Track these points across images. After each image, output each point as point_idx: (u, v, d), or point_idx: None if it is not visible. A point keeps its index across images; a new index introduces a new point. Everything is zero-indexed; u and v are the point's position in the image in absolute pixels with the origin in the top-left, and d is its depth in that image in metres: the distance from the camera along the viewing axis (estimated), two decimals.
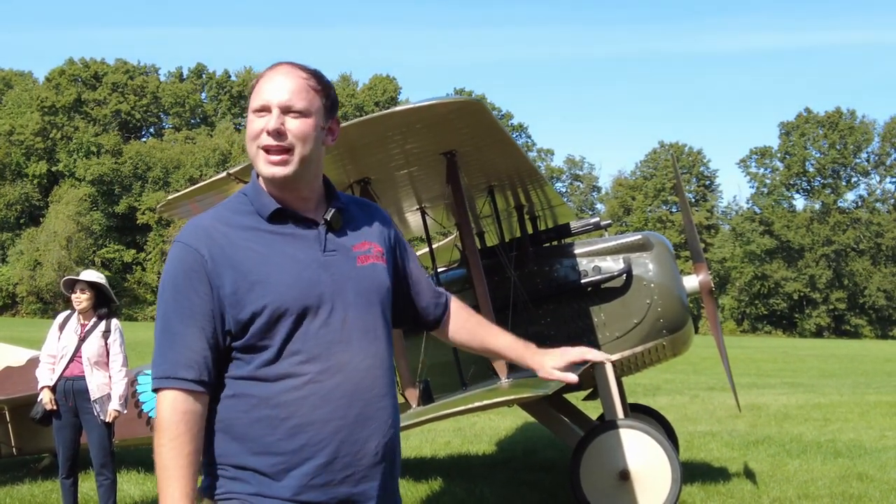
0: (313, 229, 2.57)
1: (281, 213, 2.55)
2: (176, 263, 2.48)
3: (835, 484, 9.39)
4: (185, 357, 2.42)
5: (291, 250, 2.51)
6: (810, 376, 27.91)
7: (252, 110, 2.55)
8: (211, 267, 2.44)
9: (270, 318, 2.43)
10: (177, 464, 2.38)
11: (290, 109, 2.52)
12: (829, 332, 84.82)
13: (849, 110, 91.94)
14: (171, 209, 7.36)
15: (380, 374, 2.56)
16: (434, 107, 6.08)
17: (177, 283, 2.47)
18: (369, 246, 2.65)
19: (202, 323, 2.44)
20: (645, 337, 8.47)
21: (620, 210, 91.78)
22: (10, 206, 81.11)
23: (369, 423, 2.50)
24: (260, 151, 2.52)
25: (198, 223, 2.54)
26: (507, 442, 12.95)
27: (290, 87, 2.54)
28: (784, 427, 14.46)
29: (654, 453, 7.51)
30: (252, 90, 2.60)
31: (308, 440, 2.42)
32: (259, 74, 2.63)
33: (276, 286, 2.44)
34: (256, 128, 2.52)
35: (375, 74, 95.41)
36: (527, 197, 9.21)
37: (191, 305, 2.44)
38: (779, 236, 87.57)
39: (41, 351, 7.95)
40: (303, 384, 2.43)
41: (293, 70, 2.58)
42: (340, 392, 2.46)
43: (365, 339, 2.54)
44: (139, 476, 10.01)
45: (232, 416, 2.46)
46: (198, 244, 2.47)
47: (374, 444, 2.50)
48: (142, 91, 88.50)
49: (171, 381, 2.42)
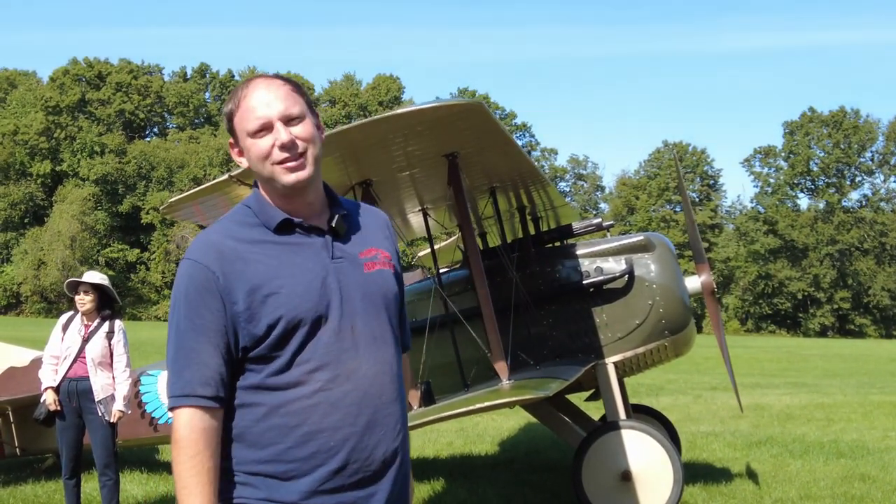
0: (320, 237, 2.59)
1: (287, 223, 2.56)
2: (187, 280, 2.49)
3: (837, 485, 9.39)
4: (202, 374, 2.44)
5: (300, 260, 2.52)
6: (814, 376, 27.89)
7: (248, 133, 2.55)
8: (223, 284, 2.45)
9: (286, 329, 2.44)
10: (198, 480, 2.39)
11: (289, 118, 2.55)
12: (833, 332, 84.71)
13: (853, 109, 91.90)
14: (173, 211, 7.37)
15: (388, 380, 2.57)
16: (436, 109, 6.09)
17: (189, 300, 2.47)
18: (375, 252, 2.67)
19: (216, 339, 2.45)
20: (647, 338, 8.47)
21: (624, 209, 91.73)
22: (15, 206, 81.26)
23: (378, 429, 2.52)
24: (275, 167, 2.53)
25: (206, 239, 2.54)
26: (509, 442, 12.97)
27: (279, 97, 2.55)
28: (787, 427, 14.46)
29: (655, 454, 7.53)
30: (233, 116, 2.60)
31: (319, 447, 2.45)
32: (232, 98, 2.62)
33: (289, 297, 2.45)
34: (264, 147, 2.53)
35: (379, 74, 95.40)
36: (529, 198, 9.22)
37: (203, 322, 2.45)
38: (783, 236, 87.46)
39: (44, 352, 7.98)
40: (313, 392, 2.45)
41: (272, 81, 2.59)
42: (350, 400, 2.48)
43: (373, 345, 2.56)
44: (142, 476, 10.04)
45: (244, 425, 2.48)
46: (208, 261, 2.47)
47: (382, 450, 2.53)
48: (146, 91, 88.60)
49: (189, 399, 2.43)
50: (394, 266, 2.72)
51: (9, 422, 10.00)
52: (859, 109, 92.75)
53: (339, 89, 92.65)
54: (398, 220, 9.11)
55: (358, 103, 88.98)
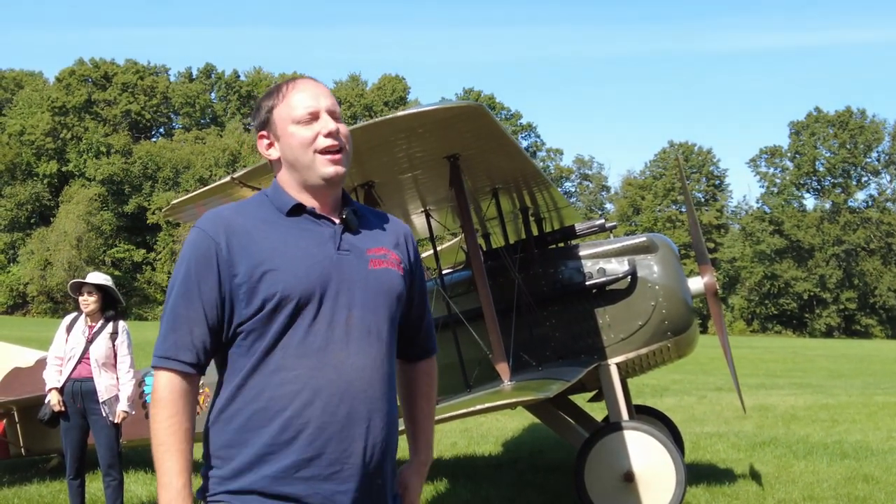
0: (330, 227, 2.64)
1: (300, 208, 2.64)
2: (192, 248, 2.58)
3: (840, 485, 9.38)
4: (186, 341, 2.53)
5: (305, 244, 2.58)
6: (819, 377, 27.83)
7: (293, 121, 2.65)
8: (226, 255, 2.53)
9: (277, 305, 2.50)
10: (175, 439, 2.48)
11: (334, 114, 2.69)
12: (839, 333, 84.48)
13: (859, 109, 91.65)
14: (176, 213, 7.40)
15: (377, 376, 2.58)
16: (437, 111, 6.12)
17: (188, 268, 2.56)
18: (386, 252, 2.71)
19: (207, 309, 2.53)
20: (650, 339, 8.47)
21: (630, 210, 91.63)
22: (21, 206, 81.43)
23: (360, 423, 2.53)
24: (317, 155, 2.63)
25: (218, 212, 2.64)
26: (513, 443, 12.98)
27: (326, 95, 2.71)
28: (791, 428, 14.45)
29: (658, 455, 7.54)
30: (274, 108, 2.69)
31: (297, 434, 2.47)
32: (275, 92, 2.73)
33: (286, 276, 2.50)
34: (308, 134, 2.64)
35: (384, 74, 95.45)
36: (532, 199, 9.24)
37: (199, 291, 2.53)
38: (789, 236, 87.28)
39: (48, 352, 8.01)
40: (296, 378, 2.49)
41: (319, 82, 2.75)
42: (332, 389, 2.50)
43: (366, 340, 2.57)
44: (146, 476, 10.07)
45: (232, 408, 2.53)
46: (215, 232, 2.55)
47: (362, 445, 2.53)
48: (152, 91, 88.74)
49: (171, 363, 2.53)
50: (404, 270, 2.74)
51: (14, 422, 10.04)
52: (865, 109, 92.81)
53: (345, 90, 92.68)
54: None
55: (363, 104, 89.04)
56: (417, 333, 2.91)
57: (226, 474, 2.52)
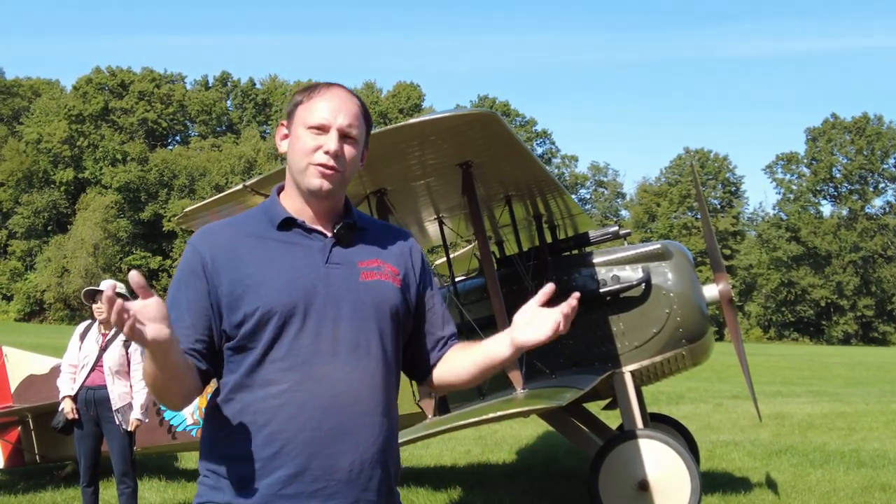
0: (320, 241, 2.62)
1: (290, 221, 2.62)
2: (183, 263, 2.62)
3: (857, 494, 9.31)
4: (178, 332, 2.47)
5: (290, 258, 2.57)
6: (836, 384, 27.65)
7: (306, 126, 2.61)
8: (211, 268, 2.54)
9: (259, 321, 2.49)
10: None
11: (347, 135, 2.63)
12: (856, 340, 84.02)
13: (876, 116, 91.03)
14: (189, 221, 7.41)
15: (366, 390, 2.54)
16: (449, 118, 6.11)
17: (179, 280, 2.60)
18: (379, 264, 2.66)
19: (195, 317, 2.53)
20: (664, 346, 8.43)
21: (645, 217, 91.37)
22: (38, 214, 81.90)
23: (345, 438, 2.49)
24: (311, 166, 2.60)
25: (208, 227, 2.67)
26: (527, 451, 12.94)
27: (349, 113, 2.64)
28: (808, 436, 14.35)
29: (673, 463, 7.49)
30: (300, 104, 2.66)
31: (280, 448, 2.46)
32: (307, 89, 2.70)
33: (268, 290, 2.50)
34: (311, 144, 2.60)
35: (399, 82, 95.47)
36: (545, 206, 9.21)
37: (187, 300, 2.55)
38: (805, 243, 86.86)
39: (62, 360, 8.03)
40: (280, 392, 2.48)
41: (350, 97, 2.69)
42: (316, 403, 2.47)
43: (353, 353, 2.54)
44: (160, 484, 10.08)
45: (220, 422, 2.53)
46: (202, 246, 2.59)
47: (349, 461, 2.49)
48: (168, 99, 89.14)
49: None
50: (402, 282, 2.70)
51: (29, 429, 10.09)
52: (882, 116, 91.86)
53: (360, 97, 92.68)
54: (414, 229, 9.12)
55: (378, 111, 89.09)
56: (433, 349, 2.85)
57: (215, 485, 2.52)
